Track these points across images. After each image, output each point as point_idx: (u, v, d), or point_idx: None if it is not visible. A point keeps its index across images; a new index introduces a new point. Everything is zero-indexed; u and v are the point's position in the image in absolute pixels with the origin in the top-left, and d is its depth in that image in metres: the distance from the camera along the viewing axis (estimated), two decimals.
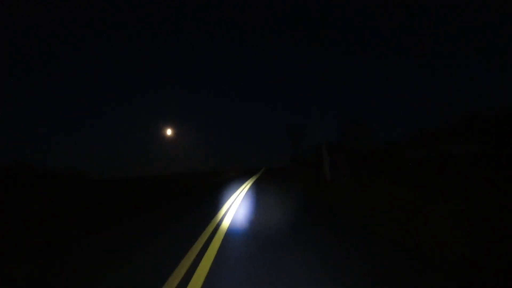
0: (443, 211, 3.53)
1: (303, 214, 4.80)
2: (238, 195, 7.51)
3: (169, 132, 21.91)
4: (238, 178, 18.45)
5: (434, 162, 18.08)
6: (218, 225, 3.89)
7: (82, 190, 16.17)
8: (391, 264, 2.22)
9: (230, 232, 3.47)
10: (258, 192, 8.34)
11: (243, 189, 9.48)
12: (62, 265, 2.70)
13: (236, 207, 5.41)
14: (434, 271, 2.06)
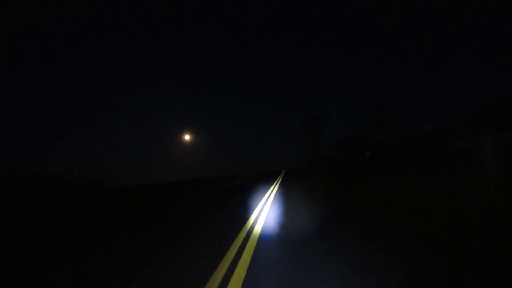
0: None
1: None
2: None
3: (187, 137, 21.40)
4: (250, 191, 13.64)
5: (485, 153, 15.84)
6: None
7: (106, 201, 16.05)
8: None
9: None
10: None
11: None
12: None
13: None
14: None
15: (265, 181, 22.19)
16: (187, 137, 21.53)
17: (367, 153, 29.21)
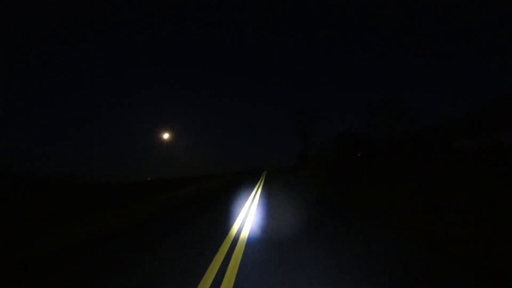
0: None
1: None
2: None
3: (166, 135, 19.60)
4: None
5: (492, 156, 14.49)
6: None
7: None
8: None
9: None
10: None
11: None
12: None
13: None
14: None
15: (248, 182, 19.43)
16: (166, 136, 19.43)
17: (358, 154, 27.57)
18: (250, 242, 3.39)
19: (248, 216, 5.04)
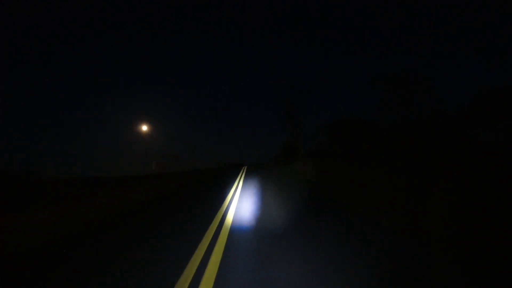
0: None
1: None
2: None
3: (144, 127, 19.13)
4: None
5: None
6: None
7: None
8: None
9: None
10: None
11: None
12: None
13: None
14: None
15: None
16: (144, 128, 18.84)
17: (366, 145, 24.78)
18: None
19: None
